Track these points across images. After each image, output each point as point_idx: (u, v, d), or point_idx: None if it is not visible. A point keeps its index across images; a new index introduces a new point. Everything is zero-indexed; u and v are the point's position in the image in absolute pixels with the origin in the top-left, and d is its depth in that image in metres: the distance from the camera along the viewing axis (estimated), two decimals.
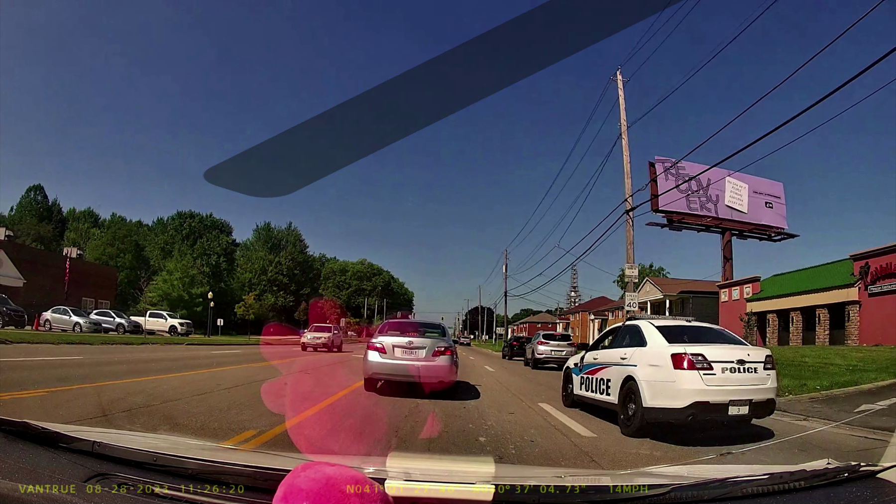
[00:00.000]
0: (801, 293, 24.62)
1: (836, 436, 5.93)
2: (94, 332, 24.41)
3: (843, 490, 1.19)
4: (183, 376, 9.08)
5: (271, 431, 4.53)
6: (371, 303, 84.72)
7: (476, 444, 4.66)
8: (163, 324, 32.00)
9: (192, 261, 58.89)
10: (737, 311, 27.53)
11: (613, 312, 56.98)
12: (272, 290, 68.54)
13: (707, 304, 34.07)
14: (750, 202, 30.76)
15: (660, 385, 5.40)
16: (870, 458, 1.38)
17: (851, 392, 9.09)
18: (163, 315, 33.58)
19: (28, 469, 1.12)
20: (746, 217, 30.60)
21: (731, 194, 30.51)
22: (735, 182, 30.12)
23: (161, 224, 68.74)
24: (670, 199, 26.66)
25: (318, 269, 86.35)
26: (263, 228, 76.65)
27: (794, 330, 24.98)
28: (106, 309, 32.79)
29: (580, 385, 7.44)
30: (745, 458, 2.75)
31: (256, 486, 1.11)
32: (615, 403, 6.09)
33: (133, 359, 12.34)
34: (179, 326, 32.09)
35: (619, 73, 18.67)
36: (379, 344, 8.08)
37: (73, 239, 61.56)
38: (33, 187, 66.29)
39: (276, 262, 71.35)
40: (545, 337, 19.65)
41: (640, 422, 5.50)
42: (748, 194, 30.79)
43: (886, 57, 6.97)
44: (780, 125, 10.22)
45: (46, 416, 3.98)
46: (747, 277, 29.33)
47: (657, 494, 1.14)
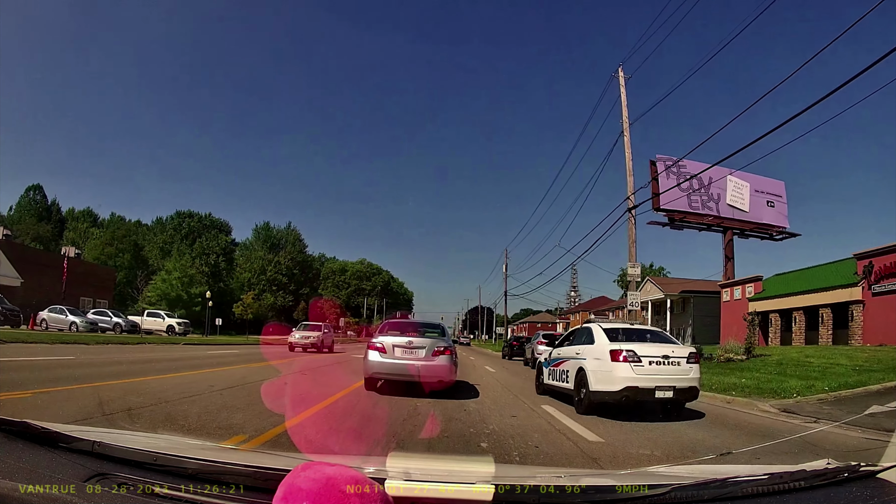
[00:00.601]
0: (804, 293, 24.56)
1: (837, 436, 5.95)
2: (90, 332, 24.37)
3: (843, 490, 1.20)
4: (179, 377, 8.97)
5: (262, 437, 4.46)
6: (371, 303, 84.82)
7: (478, 450, 4.57)
8: (160, 323, 31.85)
9: (191, 260, 59.07)
10: (739, 311, 27.41)
11: (614, 312, 57.36)
12: (271, 289, 68.63)
13: (708, 304, 34.09)
14: (752, 201, 30.73)
15: (601, 374, 6.94)
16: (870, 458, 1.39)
17: (860, 393, 9.04)
18: (160, 315, 33.39)
19: (28, 469, 1.12)
20: (748, 216, 30.55)
21: (732, 193, 30.42)
22: (736, 181, 30.04)
23: (160, 224, 68.95)
24: (672, 198, 26.67)
25: (318, 268, 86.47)
26: (263, 228, 76.86)
27: (797, 330, 24.85)
28: (103, 308, 32.71)
29: (548, 376, 9.06)
30: (744, 458, 2.76)
31: (256, 485, 1.11)
32: (572, 389, 7.67)
33: (127, 359, 12.14)
34: (177, 326, 31.89)
35: (620, 69, 18.74)
36: (379, 344, 8.22)
37: (71, 238, 61.71)
38: (32, 187, 66.65)
39: (276, 261, 71.45)
40: (545, 337, 19.72)
41: (587, 402, 7.03)
42: (750, 193, 30.76)
43: (888, 56, 6.97)
44: (782, 123, 10.28)
45: (27, 417, 3.95)
46: (749, 277, 29.34)
47: (657, 494, 1.15)
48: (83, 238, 62.77)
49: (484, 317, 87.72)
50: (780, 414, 7.73)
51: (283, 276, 71.09)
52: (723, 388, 10.05)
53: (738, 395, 9.25)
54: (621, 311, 54.37)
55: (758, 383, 10.20)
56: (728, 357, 16.03)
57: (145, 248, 63.55)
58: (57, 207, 68.81)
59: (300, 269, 75.92)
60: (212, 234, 67.84)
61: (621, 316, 54.46)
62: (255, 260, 70.63)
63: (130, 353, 14.27)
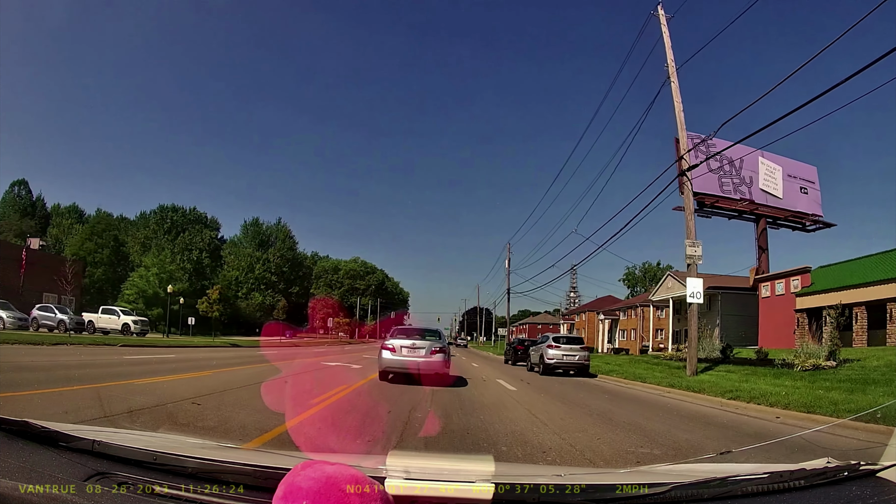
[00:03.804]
0: (866, 285, 21.63)
1: (837, 436, 6.11)
2: (19, 330, 22.69)
3: (842, 489, 1.25)
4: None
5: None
6: (364, 302, 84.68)
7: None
8: (115, 321, 29.61)
9: (172, 256, 58.13)
10: (782, 307, 25.17)
11: (626, 312, 54.80)
12: (260, 288, 68.35)
13: (738, 301, 31.68)
14: (785, 187, 28.46)
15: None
16: (870, 457, 1.45)
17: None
18: (116, 312, 31.13)
19: (28, 468, 1.16)
20: (782, 203, 28.13)
21: (765, 177, 28.06)
22: (769, 164, 27.96)
23: (144, 218, 68.49)
24: (702, 181, 23.79)
25: (310, 267, 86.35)
26: (252, 224, 76.44)
27: (859, 328, 22.02)
28: (50, 304, 29.87)
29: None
30: (744, 456, 2.82)
31: (256, 484, 1.15)
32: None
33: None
34: (132, 325, 29.58)
35: (660, 7, 16.89)
36: (390, 345, 11.03)
37: (55, 235, 61.52)
38: (17, 182, 66.58)
39: (264, 259, 71.10)
40: (556, 340, 18.93)
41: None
42: (782, 178, 28.46)
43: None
44: (819, 95, 9.60)
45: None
46: (795, 269, 26.62)
47: (657, 493, 1.19)
48: (67, 234, 62.45)
49: (482, 318, 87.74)
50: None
51: (272, 274, 70.81)
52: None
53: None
54: (634, 312, 51.55)
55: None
56: (814, 364, 13.66)
57: (128, 244, 62.89)
58: (42, 203, 68.90)
59: (290, 266, 75.63)
60: (196, 228, 67.26)
61: (633, 317, 51.77)
62: (244, 257, 70.26)
63: (24, 357, 11.89)
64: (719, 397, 10.31)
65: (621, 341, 54.43)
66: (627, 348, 48.46)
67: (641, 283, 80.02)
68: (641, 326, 49.48)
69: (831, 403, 8.24)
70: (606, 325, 59.07)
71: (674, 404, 10.31)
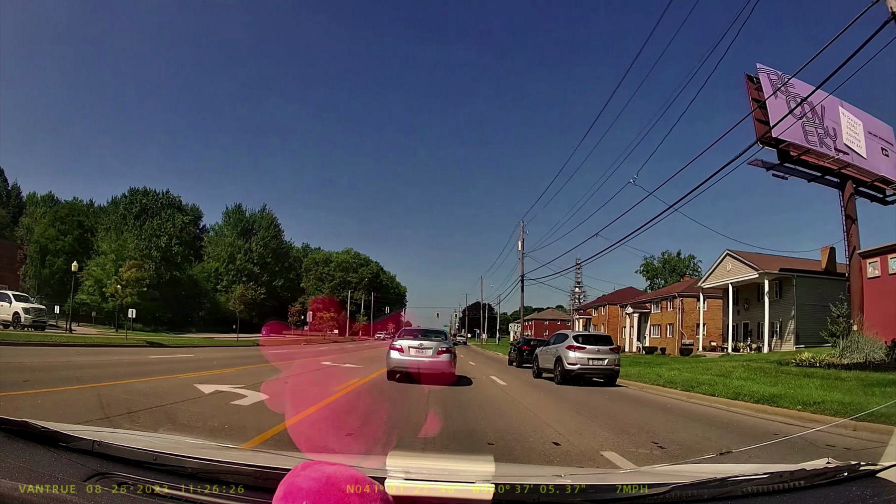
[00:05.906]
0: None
1: (837, 436, 6.35)
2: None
3: (842, 489, 1.35)
4: None
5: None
6: (357, 297, 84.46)
7: None
8: (5, 309, 26.00)
9: (136, 242, 55.73)
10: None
11: (658, 304, 49.87)
12: (241, 280, 68.00)
13: (814, 287, 29.49)
14: (867, 145, 24.42)
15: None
16: (870, 457, 1.55)
17: None
18: (7, 297, 27.18)
19: (28, 468, 1.24)
20: (866, 163, 24.05)
21: (847, 131, 23.93)
22: (849, 116, 24.27)
23: (114, 204, 67.60)
24: (784, 127, 20.83)
25: (300, 258, 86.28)
26: (234, 211, 75.72)
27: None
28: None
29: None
30: (744, 457, 2.94)
31: (256, 485, 1.24)
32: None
33: None
34: (24, 314, 25.82)
35: None
36: (398, 346, 12.25)
37: (26, 224, 61.45)
38: None
39: (246, 248, 70.65)
40: (579, 339, 15.53)
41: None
42: (864, 135, 24.51)
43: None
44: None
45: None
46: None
47: (657, 493, 1.28)
48: (39, 223, 61.78)
49: (485, 313, 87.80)
50: None
51: (254, 265, 70.35)
52: None
53: None
54: (671, 304, 46.50)
55: None
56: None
57: (98, 232, 61.02)
58: (17, 191, 69.51)
59: (274, 257, 75.01)
60: (167, 213, 65.11)
61: (670, 309, 46.63)
62: (224, 246, 69.66)
63: None
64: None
65: (653, 338, 50.26)
66: (664, 347, 44.67)
67: (661, 274, 79.37)
68: (680, 321, 44.92)
69: None
70: (635, 320, 53.64)
71: None
